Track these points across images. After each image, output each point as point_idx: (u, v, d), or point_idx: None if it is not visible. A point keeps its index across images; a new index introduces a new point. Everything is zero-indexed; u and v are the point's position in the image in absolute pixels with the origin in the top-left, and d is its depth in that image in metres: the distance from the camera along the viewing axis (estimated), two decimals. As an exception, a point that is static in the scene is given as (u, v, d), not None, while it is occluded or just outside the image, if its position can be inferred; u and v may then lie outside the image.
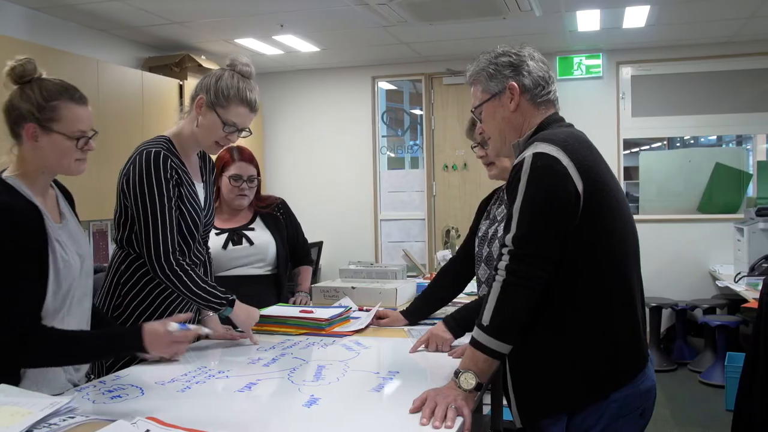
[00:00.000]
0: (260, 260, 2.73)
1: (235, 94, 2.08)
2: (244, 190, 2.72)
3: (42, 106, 1.65)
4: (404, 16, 4.41)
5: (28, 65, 1.69)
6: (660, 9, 4.57)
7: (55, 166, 1.72)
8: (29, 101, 1.65)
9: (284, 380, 1.84)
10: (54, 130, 1.66)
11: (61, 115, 1.67)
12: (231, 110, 2.08)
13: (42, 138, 1.66)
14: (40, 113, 1.65)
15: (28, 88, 1.67)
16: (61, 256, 1.70)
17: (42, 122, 1.65)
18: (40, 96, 1.66)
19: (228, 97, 2.07)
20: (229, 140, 2.14)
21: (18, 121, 1.66)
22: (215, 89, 2.08)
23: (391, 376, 1.84)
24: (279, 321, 2.45)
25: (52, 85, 1.69)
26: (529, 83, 1.72)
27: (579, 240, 1.55)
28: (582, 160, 1.58)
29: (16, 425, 1.27)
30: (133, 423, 1.41)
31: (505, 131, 1.76)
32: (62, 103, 1.67)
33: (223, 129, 2.08)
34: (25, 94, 1.66)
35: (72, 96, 1.70)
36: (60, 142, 1.67)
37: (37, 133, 1.66)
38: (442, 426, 1.44)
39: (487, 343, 1.55)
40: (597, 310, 1.58)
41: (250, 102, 2.11)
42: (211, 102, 2.07)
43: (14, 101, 1.67)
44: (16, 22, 4.18)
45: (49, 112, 1.65)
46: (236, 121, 2.10)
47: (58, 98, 1.67)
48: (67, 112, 1.68)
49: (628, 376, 1.61)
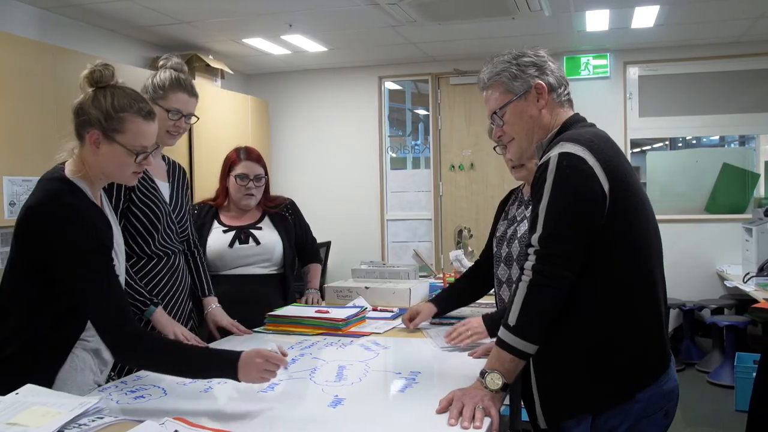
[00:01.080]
0: (266, 260, 2.73)
1: (170, 83, 2.25)
2: (251, 190, 2.73)
3: (110, 116, 1.67)
4: (414, 15, 4.41)
5: (107, 71, 1.71)
6: (669, 9, 4.56)
7: (112, 174, 1.74)
8: (99, 108, 1.67)
9: (306, 380, 1.84)
10: (116, 141, 1.68)
11: (126, 128, 1.68)
12: (170, 98, 2.25)
13: (103, 146, 1.68)
14: (106, 122, 1.67)
15: (101, 95, 1.69)
16: (116, 256, 1.74)
17: (107, 131, 1.67)
18: (110, 105, 1.67)
19: (164, 88, 2.25)
20: (179, 127, 2.30)
21: (84, 125, 1.68)
22: (152, 86, 2.26)
23: (413, 376, 1.83)
24: (295, 321, 2.45)
25: (125, 96, 1.70)
26: (554, 82, 1.72)
27: (604, 240, 1.55)
28: (608, 160, 1.57)
29: (48, 425, 1.27)
30: (161, 423, 1.41)
31: (532, 131, 1.75)
32: (129, 116, 1.69)
33: (168, 117, 2.25)
34: (97, 100, 1.68)
35: (141, 110, 1.71)
36: (119, 153, 1.69)
37: (100, 140, 1.67)
38: (471, 426, 1.44)
39: (513, 343, 1.55)
40: (622, 310, 1.58)
41: (185, 86, 2.28)
42: (152, 98, 2.23)
43: (85, 105, 1.69)
44: (26, 22, 4.18)
45: (115, 123, 1.67)
46: (178, 107, 2.27)
47: (127, 110, 1.68)
48: (132, 125, 1.69)
49: (652, 376, 1.61)
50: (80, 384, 1.72)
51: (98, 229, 1.66)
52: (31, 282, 1.65)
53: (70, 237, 1.60)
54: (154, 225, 2.24)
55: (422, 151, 6.61)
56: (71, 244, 1.60)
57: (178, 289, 2.34)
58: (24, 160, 3.54)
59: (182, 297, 2.36)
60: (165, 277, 2.29)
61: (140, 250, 2.23)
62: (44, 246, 1.61)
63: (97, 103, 1.67)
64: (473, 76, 6.19)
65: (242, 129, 5.91)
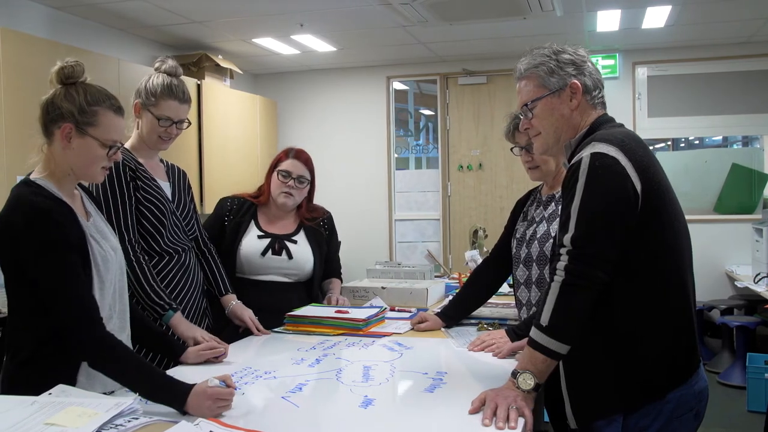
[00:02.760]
0: (295, 274, 2.68)
1: (162, 90, 2.24)
2: (291, 189, 2.67)
3: (83, 109, 1.67)
4: (426, 15, 4.41)
5: (78, 67, 1.71)
6: (681, 9, 4.56)
7: (82, 170, 1.72)
8: (72, 102, 1.67)
9: (333, 381, 1.83)
10: (89, 134, 1.68)
11: (99, 121, 1.68)
12: (161, 105, 2.24)
13: (75, 140, 1.67)
14: (80, 115, 1.66)
15: (72, 89, 1.69)
16: (98, 251, 1.72)
17: (80, 124, 1.67)
18: (84, 99, 1.67)
19: (156, 95, 2.23)
20: (170, 134, 2.29)
21: (56, 120, 1.67)
22: (145, 91, 2.25)
23: (440, 376, 1.83)
24: (315, 321, 2.44)
25: (96, 91, 1.71)
26: (590, 84, 1.71)
27: (637, 240, 1.55)
28: (639, 160, 1.57)
29: (86, 425, 1.27)
30: (195, 424, 1.41)
31: (561, 129, 1.74)
32: (102, 110, 1.69)
33: (159, 124, 2.25)
34: (69, 95, 1.68)
35: (112, 105, 1.72)
36: (92, 147, 1.69)
37: (72, 134, 1.67)
38: (506, 426, 1.44)
39: (545, 343, 1.54)
40: (654, 310, 1.58)
41: (176, 94, 2.26)
42: (144, 103, 2.25)
43: (56, 100, 1.68)
44: (39, 21, 4.18)
45: (88, 116, 1.67)
46: (169, 115, 2.25)
47: (100, 104, 1.69)
48: (105, 119, 1.69)
49: (683, 376, 1.61)
50: (105, 382, 1.71)
51: (63, 226, 1.63)
52: (23, 287, 1.65)
53: (33, 236, 1.59)
54: (160, 221, 2.25)
55: (424, 151, 6.60)
56: (34, 243, 1.59)
57: (190, 287, 2.34)
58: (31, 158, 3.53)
59: (195, 295, 2.37)
60: (177, 275, 2.30)
61: (149, 248, 2.24)
62: (13, 247, 1.61)
63: (70, 98, 1.67)
64: (482, 76, 6.22)
65: (251, 129, 5.91)
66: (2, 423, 1.29)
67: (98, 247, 1.73)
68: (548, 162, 2.26)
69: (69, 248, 1.63)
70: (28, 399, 1.40)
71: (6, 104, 3.45)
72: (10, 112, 3.47)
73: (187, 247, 2.38)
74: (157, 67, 2.30)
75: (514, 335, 2.13)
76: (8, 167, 3.46)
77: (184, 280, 2.31)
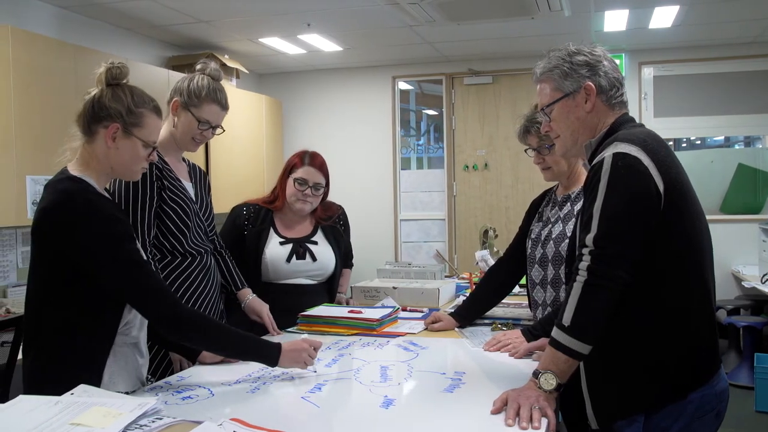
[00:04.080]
0: (320, 274, 2.72)
1: (207, 93, 2.23)
2: (308, 197, 2.66)
3: (131, 110, 1.71)
4: (434, 15, 4.40)
5: (124, 69, 1.75)
6: (689, 9, 4.55)
7: (123, 169, 1.76)
8: (120, 103, 1.71)
9: (352, 381, 1.83)
10: (134, 135, 1.72)
11: (145, 123, 1.73)
12: (204, 109, 2.23)
13: (120, 140, 1.71)
14: (127, 116, 1.71)
15: (119, 90, 1.73)
16: None
17: (126, 125, 1.71)
18: (132, 100, 1.72)
19: (200, 97, 2.22)
20: (205, 137, 2.29)
21: (102, 119, 1.70)
22: (188, 91, 2.23)
23: (458, 376, 1.83)
24: (329, 321, 2.44)
25: (141, 93, 1.76)
26: (606, 84, 1.70)
27: (659, 240, 1.54)
28: (662, 160, 1.57)
29: (113, 426, 1.26)
30: (219, 425, 1.40)
31: (578, 132, 1.74)
32: (147, 112, 1.74)
33: (198, 127, 2.24)
34: (117, 96, 1.71)
35: (155, 107, 1.78)
36: (136, 147, 1.73)
37: (118, 134, 1.70)
38: (529, 427, 1.44)
39: (567, 343, 1.54)
40: (676, 311, 1.58)
41: (220, 100, 2.27)
42: (185, 103, 2.23)
43: (104, 100, 1.71)
44: (47, 21, 4.18)
45: (135, 118, 1.72)
46: (209, 119, 2.25)
47: (145, 106, 1.74)
48: (149, 120, 1.75)
49: (704, 376, 1.61)
50: (127, 380, 1.73)
51: (119, 219, 1.69)
52: (56, 281, 1.65)
53: (95, 229, 1.62)
54: (185, 223, 2.24)
55: (425, 151, 6.60)
56: (98, 236, 1.62)
57: (210, 289, 2.34)
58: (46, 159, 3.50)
59: (214, 297, 2.36)
60: (198, 276, 2.29)
61: (173, 249, 2.23)
62: (67, 242, 1.61)
63: (118, 99, 1.70)
64: (487, 76, 6.21)
65: (257, 129, 5.91)
66: (28, 423, 1.28)
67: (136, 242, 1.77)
68: (559, 162, 2.26)
69: (131, 238, 1.69)
70: (51, 399, 1.40)
71: (15, 103, 3.45)
72: (19, 111, 3.46)
73: (209, 248, 2.38)
74: (201, 68, 2.29)
75: (530, 335, 2.12)
76: (18, 166, 3.45)
77: (205, 282, 2.30)
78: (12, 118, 3.44)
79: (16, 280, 3.80)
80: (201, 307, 2.28)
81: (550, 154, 2.26)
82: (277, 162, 6.21)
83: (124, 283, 1.65)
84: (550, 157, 2.27)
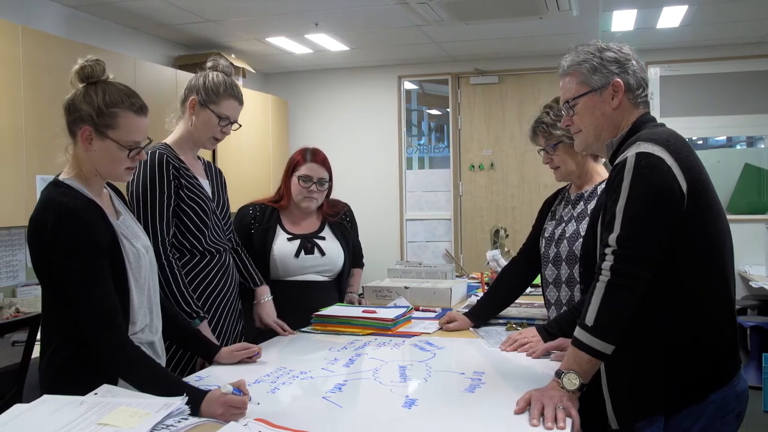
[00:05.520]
0: (329, 270, 2.72)
1: (225, 89, 2.23)
2: (313, 193, 2.66)
3: (101, 111, 1.64)
4: (442, 15, 4.39)
5: (98, 66, 1.68)
6: (697, 8, 4.55)
7: (106, 171, 1.71)
8: (90, 104, 1.64)
9: (371, 381, 1.82)
10: (108, 137, 1.65)
11: (119, 123, 1.65)
12: (223, 105, 2.23)
13: (95, 143, 1.65)
14: (98, 118, 1.64)
15: (92, 90, 1.66)
16: (130, 249, 1.71)
17: (98, 127, 1.64)
18: (102, 101, 1.64)
19: (219, 93, 2.22)
20: (224, 133, 2.29)
21: (76, 122, 1.65)
22: (205, 88, 2.22)
23: (478, 376, 1.82)
24: (344, 321, 2.44)
25: (116, 91, 1.67)
26: (634, 83, 1.70)
27: (682, 240, 1.54)
28: (684, 160, 1.57)
29: (141, 426, 1.26)
30: (244, 425, 1.40)
31: (601, 127, 1.74)
32: (122, 111, 1.65)
33: (218, 123, 2.24)
34: (88, 96, 1.65)
35: (132, 105, 1.68)
36: (112, 149, 1.66)
37: (92, 136, 1.65)
38: (554, 427, 1.43)
39: (590, 343, 1.54)
40: (697, 311, 1.58)
41: (237, 96, 2.28)
42: (204, 100, 2.22)
43: (76, 101, 1.66)
44: (56, 20, 4.18)
45: (107, 119, 1.64)
46: (229, 114, 2.25)
47: (119, 106, 1.65)
48: (124, 120, 1.66)
49: (725, 377, 1.61)
50: None
51: (92, 226, 1.61)
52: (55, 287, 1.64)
53: (60, 238, 1.58)
54: (203, 221, 2.24)
55: (426, 151, 6.60)
56: (61, 244, 1.58)
57: (229, 287, 2.34)
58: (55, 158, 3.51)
59: (233, 296, 2.36)
60: (217, 275, 2.29)
61: (192, 247, 2.23)
62: (42, 249, 1.61)
63: (89, 99, 1.64)
64: (493, 75, 6.21)
65: (263, 128, 5.91)
66: (55, 422, 1.28)
67: (130, 245, 1.72)
68: (566, 162, 2.25)
69: (95, 251, 1.61)
70: (76, 399, 1.40)
71: (26, 103, 3.44)
72: (29, 111, 3.46)
73: (227, 247, 2.38)
74: (212, 65, 2.28)
75: (546, 333, 2.12)
76: (27, 166, 3.45)
77: (223, 281, 2.30)
78: (22, 118, 3.44)
79: (25, 279, 3.80)
80: (220, 305, 2.28)
81: (556, 154, 2.26)
82: (283, 161, 6.14)
83: (75, 296, 1.58)
84: (557, 157, 2.26)
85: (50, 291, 1.68)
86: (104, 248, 1.63)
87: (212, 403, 1.49)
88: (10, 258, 3.74)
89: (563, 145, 2.21)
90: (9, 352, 2.81)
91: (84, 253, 1.59)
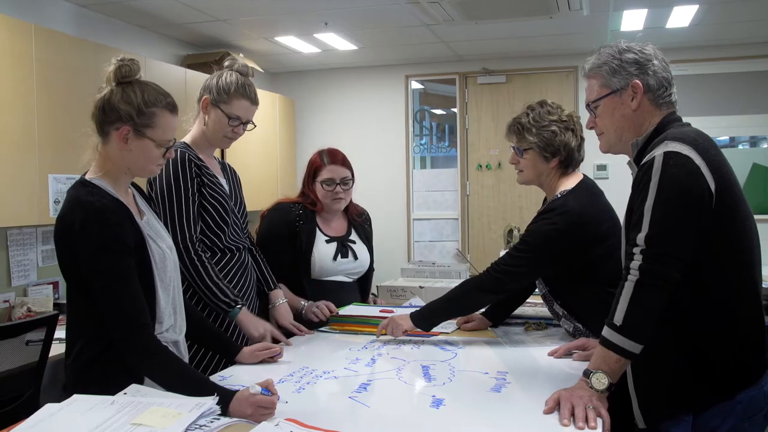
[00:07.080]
0: (358, 272, 2.75)
1: (236, 89, 2.23)
2: (339, 194, 2.63)
3: (141, 111, 1.65)
4: (452, 14, 4.38)
5: (134, 66, 1.68)
6: (708, 8, 4.54)
7: (139, 169, 1.72)
8: (130, 104, 1.64)
9: (396, 381, 1.82)
10: (146, 136, 1.66)
11: (157, 123, 1.67)
12: (233, 104, 2.23)
13: (132, 142, 1.66)
14: (138, 117, 1.64)
15: (130, 90, 1.66)
16: (156, 249, 1.72)
17: (137, 126, 1.65)
18: (142, 100, 1.65)
19: (229, 93, 2.22)
20: (237, 133, 2.28)
21: (113, 121, 1.65)
22: (217, 88, 2.23)
23: (502, 376, 1.82)
24: (362, 321, 2.44)
25: (153, 91, 1.68)
26: (654, 83, 1.69)
27: (710, 239, 1.54)
28: (712, 160, 1.57)
29: (174, 426, 1.26)
30: (275, 425, 1.40)
31: (622, 129, 1.74)
32: (159, 110, 1.67)
33: (228, 123, 2.24)
34: (127, 96, 1.65)
35: (168, 104, 1.70)
36: (149, 148, 1.67)
37: (129, 136, 1.65)
38: (585, 427, 1.43)
39: (620, 343, 1.53)
40: (725, 310, 1.57)
41: (250, 95, 2.26)
42: (215, 100, 2.23)
43: (114, 101, 1.65)
44: (66, 19, 4.17)
45: (146, 118, 1.65)
46: (240, 114, 2.25)
47: (157, 105, 1.67)
48: (162, 119, 1.68)
49: (753, 376, 1.60)
50: None
51: (120, 227, 1.61)
52: (82, 287, 1.64)
53: (88, 238, 1.58)
54: (223, 219, 2.25)
55: (429, 150, 6.59)
56: (89, 244, 1.58)
57: (248, 285, 2.36)
58: (68, 157, 3.51)
59: (252, 293, 2.38)
60: (237, 273, 2.30)
61: (213, 244, 2.24)
62: (70, 248, 1.61)
63: (128, 98, 1.64)
64: (501, 75, 6.20)
65: (270, 128, 5.90)
66: (88, 422, 1.28)
67: (155, 246, 1.72)
68: (530, 169, 2.24)
69: (123, 251, 1.61)
70: (106, 398, 1.39)
71: (39, 102, 3.44)
72: (42, 110, 3.45)
73: (245, 245, 2.38)
74: (229, 65, 2.29)
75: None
76: (40, 165, 3.44)
77: (243, 278, 2.32)
78: (35, 117, 3.43)
79: (37, 278, 3.80)
80: None
81: (524, 158, 2.24)
82: (290, 161, 6.20)
83: (103, 296, 1.58)
84: (523, 161, 2.26)
85: (77, 290, 1.68)
86: (131, 248, 1.64)
87: (241, 403, 1.49)
88: (21, 257, 3.73)
89: (533, 152, 2.21)
90: (24, 351, 2.80)
91: (112, 253, 1.59)
